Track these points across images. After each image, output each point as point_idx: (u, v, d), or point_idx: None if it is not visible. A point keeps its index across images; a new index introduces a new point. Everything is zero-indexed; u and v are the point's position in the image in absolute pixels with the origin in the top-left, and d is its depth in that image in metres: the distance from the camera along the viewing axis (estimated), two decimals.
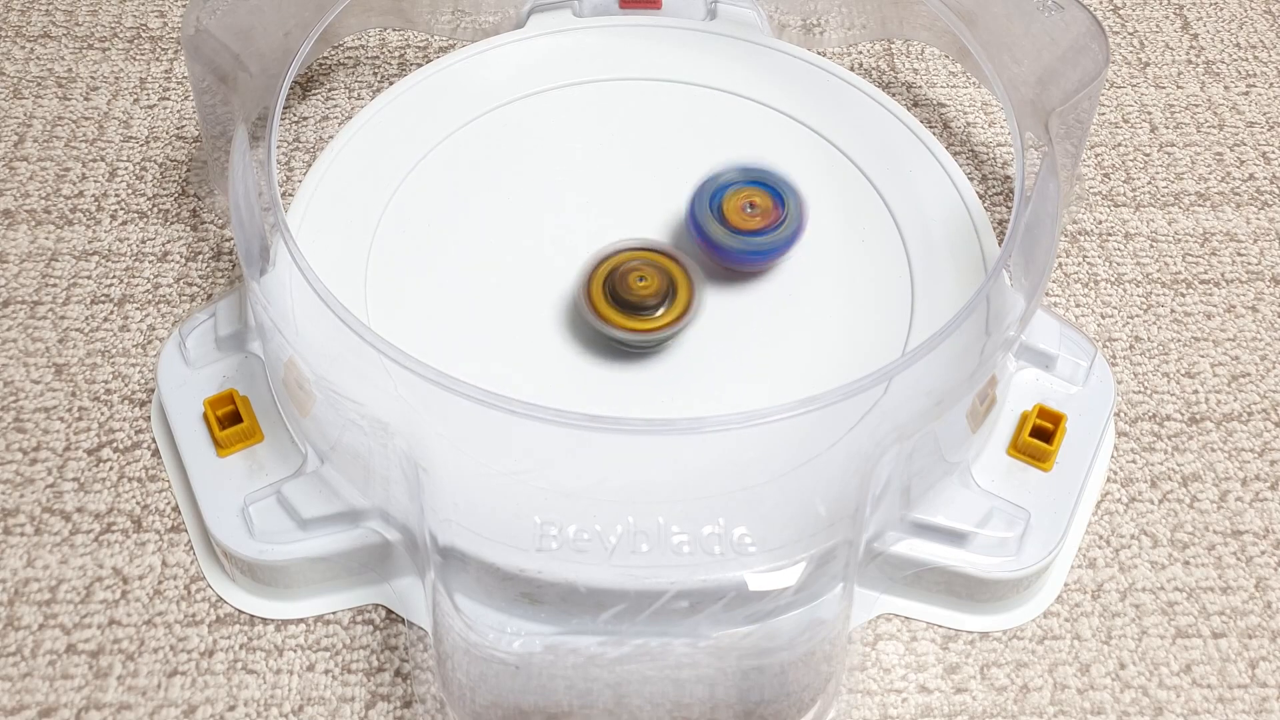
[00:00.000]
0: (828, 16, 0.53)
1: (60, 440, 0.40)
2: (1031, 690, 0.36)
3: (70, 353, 0.43)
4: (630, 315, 0.38)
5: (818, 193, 0.43)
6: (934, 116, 0.51)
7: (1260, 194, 0.49)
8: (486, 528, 0.33)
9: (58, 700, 0.35)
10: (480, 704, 0.32)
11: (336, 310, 0.34)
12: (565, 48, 0.48)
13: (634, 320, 0.38)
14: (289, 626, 0.37)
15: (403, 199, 0.43)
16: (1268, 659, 0.36)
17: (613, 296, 0.38)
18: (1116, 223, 0.48)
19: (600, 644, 0.32)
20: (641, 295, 0.38)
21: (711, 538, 0.33)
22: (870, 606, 0.37)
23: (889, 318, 0.40)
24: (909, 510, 0.36)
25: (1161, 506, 0.40)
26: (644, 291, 0.38)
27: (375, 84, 0.52)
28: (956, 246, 0.41)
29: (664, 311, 0.38)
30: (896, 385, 0.36)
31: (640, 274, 0.38)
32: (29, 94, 0.51)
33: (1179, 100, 0.52)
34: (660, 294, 0.38)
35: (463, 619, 0.32)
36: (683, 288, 0.38)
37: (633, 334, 0.38)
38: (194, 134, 0.50)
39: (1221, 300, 0.45)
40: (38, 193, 0.47)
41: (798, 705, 0.33)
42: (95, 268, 0.45)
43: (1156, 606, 0.37)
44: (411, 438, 0.33)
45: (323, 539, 0.36)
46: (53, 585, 0.37)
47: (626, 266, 0.38)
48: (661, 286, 0.38)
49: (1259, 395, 0.42)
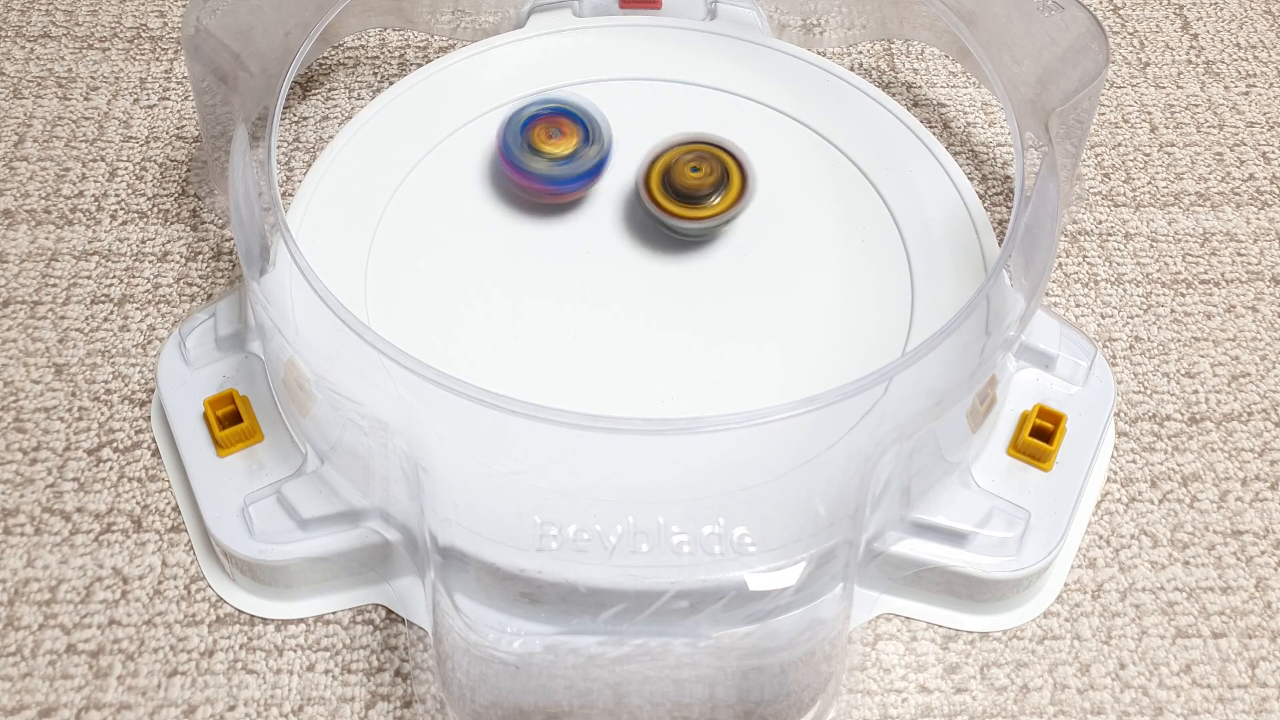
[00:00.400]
0: (828, 16, 0.53)
1: (60, 440, 0.40)
2: (1031, 690, 0.36)
3: (70, 353, 0.43)
4: (687, 205, 0.40)
5: (818, 193, 0.43)
6: (934, 116, 0.51)
7: (1260, 194, 0.49)
8: (486, 528, 0.33)
9: (58, 700, 0.35)
10: (480, 704, 0.32)
11: (336, 310, 0.34)
12: (565, 48, 0.48)
13: (691, 209, 0.40)
14: (289, 626, 0.37)
15: (403, 199, 0.43)
16: (1268, 659, 0.36)
17: (670, 188, 0.40)
18: (1116, 223, 0.48)
19: (600, 644, 0.32)
20: (695, 184, 0.40)
21: (711, 538, 0.33)
22: (870, 606, 0.37)
23: (889, 318, 0.40)
24: (909, 510, 0.36)
25: (1161, 506, 0.40)
26: (697, 180, 0.40)
27: (375, 84, 0.52)
28: (956, 246, 0.41)
29: (719, 200, 0.40)
30: (896, 385, 0.36)
31: (693, 164, 0.40)
32: (29, 94, 0.51)
33: (1179, 100, 0.52)
34: (712, 182, 0.40)
35: (463, 619, 0.32)
36: (735, 177, 0.40)
37: (690, 222, 0.40)
38: (194, 134, 0.50)
39: (1221, 300, 0.45)
40: (38, 193, 0.47)
41: (798, 705, 0.33)
42: (95, 268, 0.45)
43: (1156, 606, 0.37)
44: (411, 438, 0.33)
45: (323, 539, 0.36)
46: (53, 585, 0.37)
47: (682, 159, 0.41)
48: (713, 174, 0.40)
49: (1259, 395, 0.42)
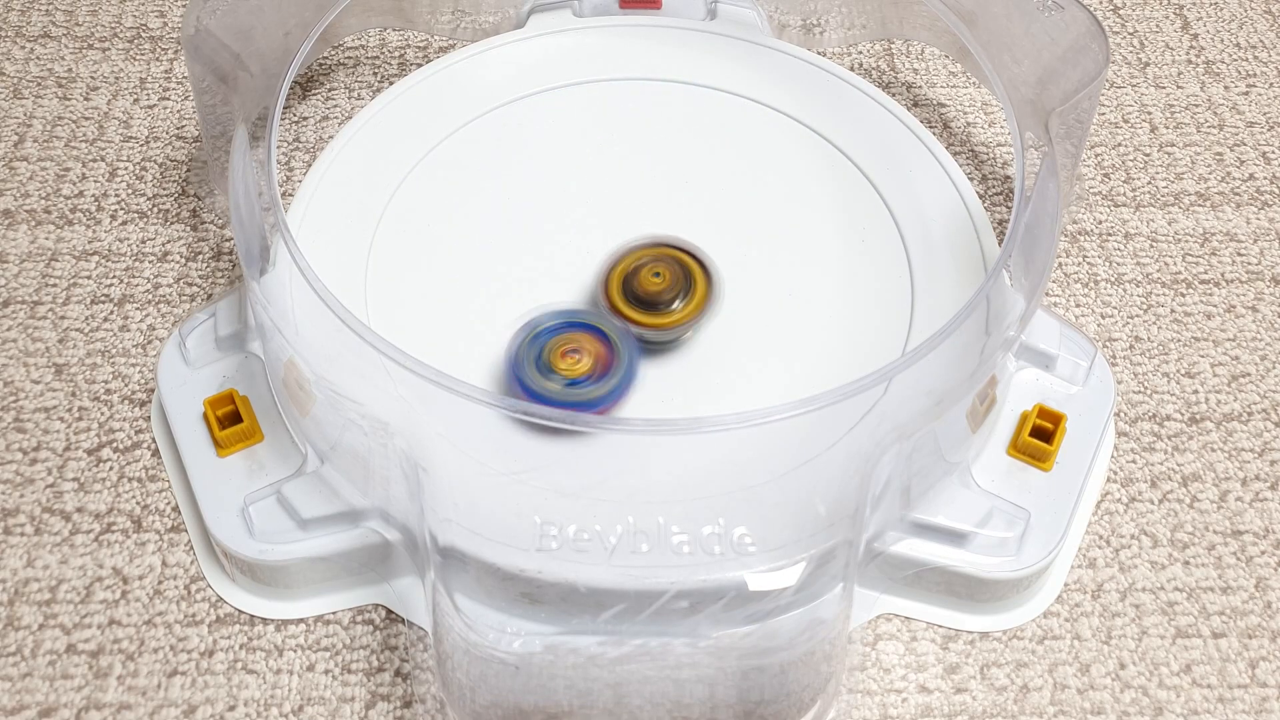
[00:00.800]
0: (828, 16, 0.53)
1: (60, 440, 0.40)
2: (1031, 690, 0.36)
3: (70, 353, 0.43)
4: (647, 312, 0.38)
5: (818, 193, 0.43)
6: (934, 116, 0.51)
7: (1260, 194, 0.49)
8: (486, 528, 0.33)
9: (58, 700, 0.35)
10: (480, 704, 0.32)
11: (336, 310, 0.34)
12: (565, 48, 0.48)
13: (651, 316, 0.38)
14: (289, 626, 0.37)
15: (403, 199, 0.43)
16: (1268, 659, 0.36)
17: (631, 294, 0.38)
18: (1116, 223, 0.48)
19: (600, 644, 0.32)
20: (656, 290, 0.38)
21: (711, 538, 0.33)
22: (870, 606, 0.37)
23: (889, 318, 0.40)
24: (909, 510, 0.36)
25: (1161, 506, 0.40)
26: (659, 286, 0.38)
27: (375, 84, 0.52)
28: (956, 246, 0.41)
29: (680, 306, 0.38)
30: (896, 385, 0.36)
31: (655, 270, 0.38)
32: (29, 94, 0.51)
33: (1179, 100, 0.52)
34: (674, 289, 0.38)
35: (463, 619, 0.32)
36: (699, 281, 0.39)
37: (651, 330, 0.38)
38: (194, 134, 0.50)
39: (1221, 300, 0.45)
40: (38, 193, 0.47)
41: (798, 705, 0.33)
42: (95, 268, 0.45)
43: (1156, 606, 0.37)
44: (411, 438, 0.33)
45: (323, 539, 0.36)
46: (53, 585, 0.37)
47: (641, 264, 0.39)
48: (676, 281, 0.38)
49: (1259, 395, 0.42)
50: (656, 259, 0.39)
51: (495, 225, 0.42)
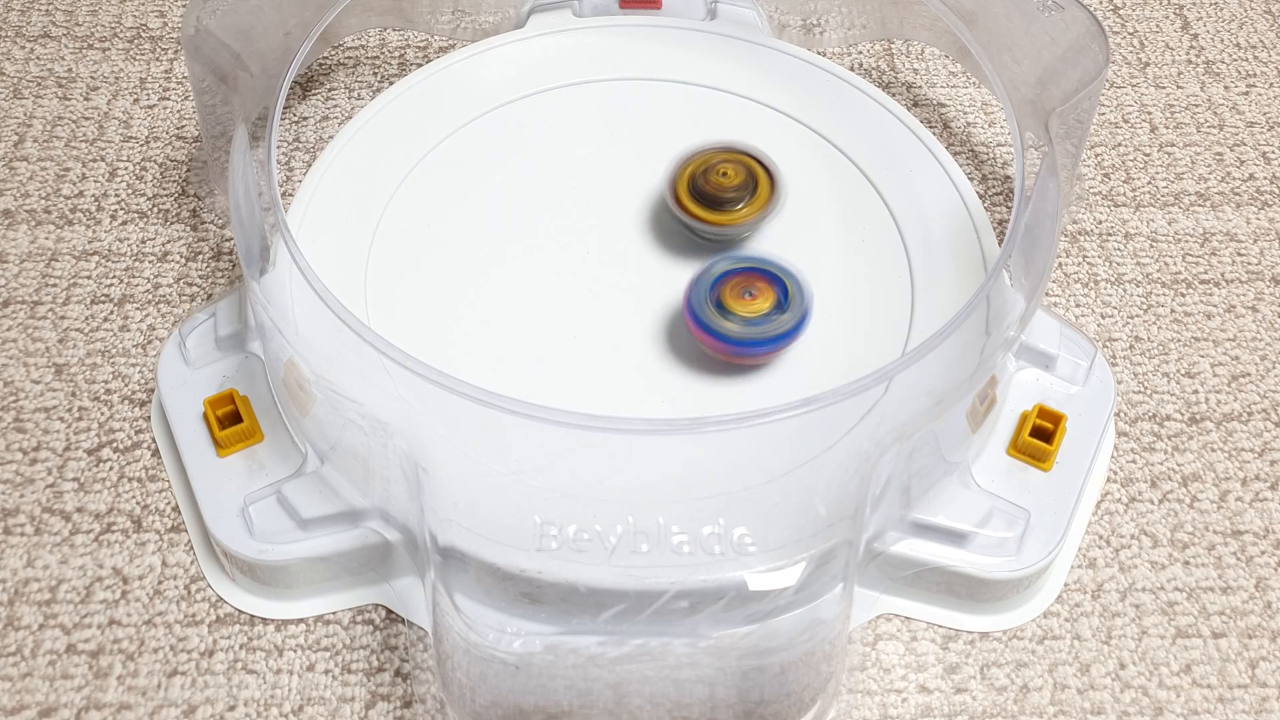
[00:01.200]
0: (828, 16, 0.53)
1: (60, 440, 0.40)
2: (1031, 690, 0.36)
3: (70, 353, 0.43)
4: (713, 210, 0.40)
5: (818, 193, 0.43)
6: (934, 116, 0.51)
7: (1260, 194, 0.49)
8: (486, 528, 0.33)
9: (58, 700, 0.35)
10: (480, 704, 0.32)
11: (336, 310, 0.34)
12: (565, 48, 0.48)
13: (717, 214, 0.40)
14: (289, 626, 0.37)
15: (403, 199, 0.43)
16: (1268, 659, 0.36)
17: (698, 193, 0.40)
18: (1116, 223, 0.48)
19: (600, 644, 0.32)
20: (723, 189, 0.40)
21: (711, 538, 0.33)
22: (870, 606, 0.37)
23: (889, 318, 0.40)
24: (909, 510, 0.36)
25: (1161, 506, 0.40)
26: (727, 184, 0.40)
27: (375, 84, 0.52)
28: (956, 246, 0.41)
29: (744, 207, 0.40)
30: (896, 385, 0.36)
31: (723, 169, 0.40)
32: (29, 94, 0.51)
33: (1179, 100, 0.52)
34: (742, 190, 0.40)
35: (463, 619, 0.32)
36: (763, 184, 0.40)
37: (715, 228, 0.40)
38: (194, 134, 0.50)
39: (1221, 300, 0.45)
40: (38, 193, 0.47)
41: (798, 705, 0.33)
42: (95, 268, 0.45)
43: (1156, 606, 0.37)
44: (411, 438, 0.33)
45: (323, 539, 0.36)
46: (53, 585, 0.37)
47: (711, 164, 0.41)
48: (743, 183, 0.40)
49: (1259, 395, 0.42)
50: (726, 160, 0.41)
51: (495, 225, 0.42)
